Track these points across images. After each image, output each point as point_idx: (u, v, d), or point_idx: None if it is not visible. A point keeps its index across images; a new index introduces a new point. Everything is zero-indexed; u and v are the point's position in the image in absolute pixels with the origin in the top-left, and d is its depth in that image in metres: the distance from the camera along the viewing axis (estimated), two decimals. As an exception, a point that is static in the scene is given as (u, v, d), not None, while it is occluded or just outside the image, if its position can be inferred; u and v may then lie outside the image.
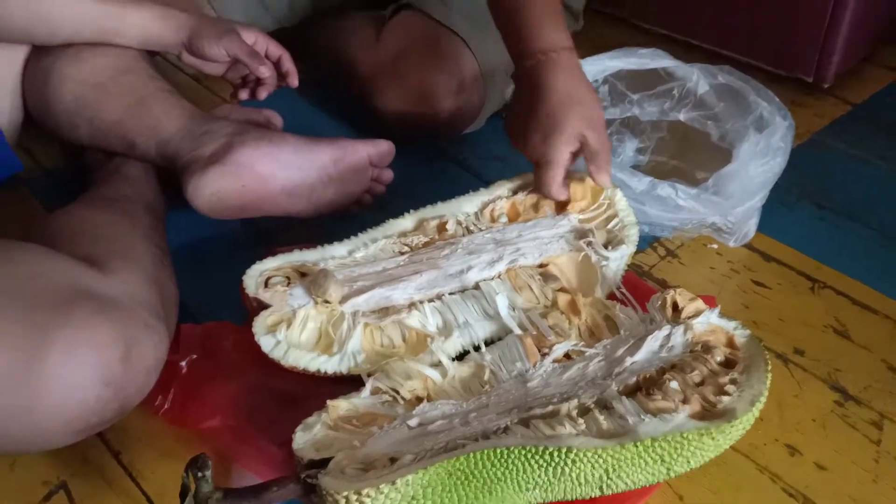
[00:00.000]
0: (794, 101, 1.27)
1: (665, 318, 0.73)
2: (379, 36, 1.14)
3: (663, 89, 1.03)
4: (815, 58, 1.24)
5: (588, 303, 0.78)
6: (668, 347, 0.70)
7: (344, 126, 1.21)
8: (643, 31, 1.45)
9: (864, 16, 1.23)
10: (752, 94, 0.96)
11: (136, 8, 0.95)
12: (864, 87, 1.31)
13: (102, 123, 0.95)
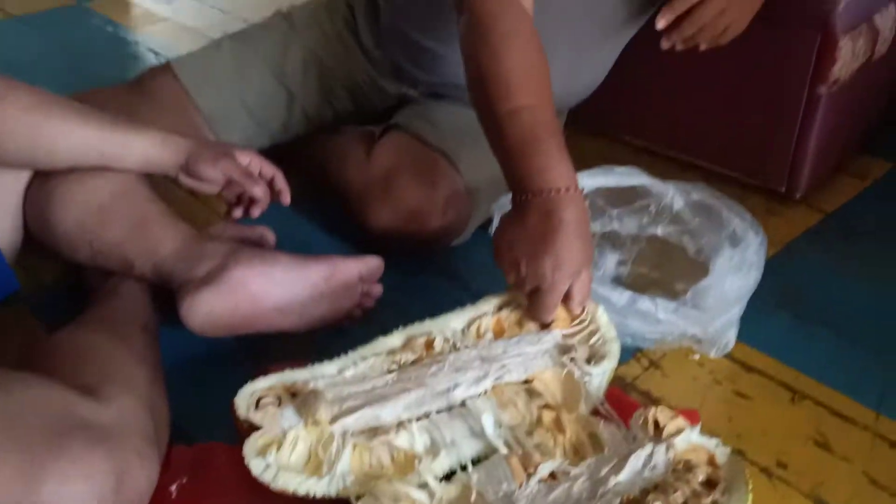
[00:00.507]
0: (769, 209, 1.33)
1: (647, 436, 0.75)
2: (369, 155, 1.19)
3: (641, 205, 1.08)
4: (787, 169, 1.30)
5: (572, 420, 0.80)
6: (650, 467, 0.72)
7: (335, 239, 1.25)
8: (621, 143, 1.51)
9: (833, 129, 1.29)
10: (724, 211, 1.00)
11: (137, 134, 1.00)
12: (836, 196, 1.36)
13: (102, 246, 0.98)
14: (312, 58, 1.29)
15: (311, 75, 1.29)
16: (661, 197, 1.06)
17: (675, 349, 1.02)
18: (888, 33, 1.27)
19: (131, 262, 0.98)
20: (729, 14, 1.06)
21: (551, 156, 0.85)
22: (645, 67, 1.30)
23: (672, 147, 1.44)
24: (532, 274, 0.84)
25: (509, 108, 0.87)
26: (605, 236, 1.11)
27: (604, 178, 1.06)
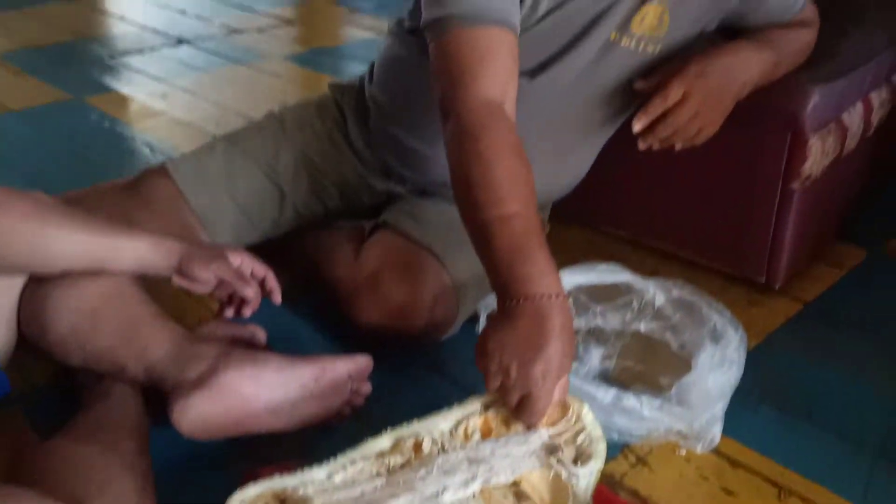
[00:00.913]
0: (750, 300, 1.36)
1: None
2: (358, 252, 1.22)
3: (624, 301, 1.10)
4: (765, 261, 1.34)
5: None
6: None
7: (324, 335, 1.27)
8: (603, 234, 1.55)
9: (808, 221, 1.34)
10: (704, 307, 1.03)
11: (130, 238, 1.02)
12: (815, 285, 1.40)
13: (94, 349, 0.99)
14: (303, 158, 1.33)
15: (302, 174, 1.33)
16: (643, 293, 1.09)
17: (662, 444, 1.03)
18: (856, 129, 1.33)
19: (123, 365, 0.99)
20: (702, 117, 1.12)
21: (541, 263, 0.88)
22: (625, 162, 1.35)
23: (653, 238, 1.48)
24: (523, 379, 0.85)
25: (498, 215, 0.90)
26: (589, 332, 1.13)
27: (586, 276, 1.09)
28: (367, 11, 3.46)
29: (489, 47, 0.96)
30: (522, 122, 1.16)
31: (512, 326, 0.87)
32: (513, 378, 0.86)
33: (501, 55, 0.96)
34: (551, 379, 0.85)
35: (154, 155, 1.98)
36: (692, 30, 1.14)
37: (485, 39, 0.96)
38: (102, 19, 3.45)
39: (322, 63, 2.76)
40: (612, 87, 1.17)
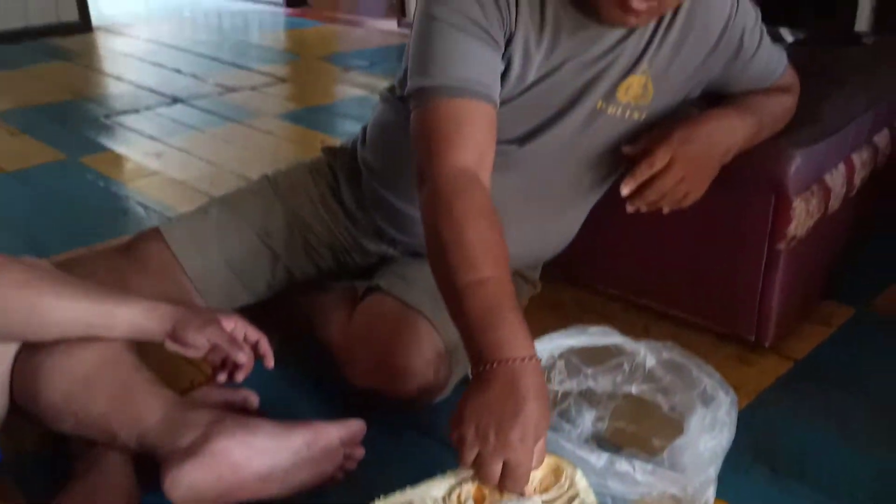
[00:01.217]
0: (740, 358, 1.37)
1: None
2: (351, 316, 1.23)
3: (615, 363, 1.11)
4: (754, 320, 1.35)
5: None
6: None
7: (318, 398, 1.27)
8: (595, 292, 1.57)
9: (795, 280, 1.35)
10: (694, 370, 1.04)
11: (124, 304, 1.03)
12: (804, 343, 1.41)
13: (87, 416, 0.99)
14: (296, 221, 1.35)
15: (295, 237, 1.35)
16: (634, 355, 1.09)
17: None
18: (840, 190, 1.35)
19: (115, 433, 0.99)
20: (688, 181, 1.14)
21: (513, 327, 0.88)
22: (615, 222, 1.36)
23: (644, 297, 1.50)
24: (502, 444, 0.84)
25: (471, 280, 0.91)
26: (581, 394, 1.13)
27: (578, 338, 1.10)
28: (359, 69, 3.53)
29: (467, 118, 0.99)
30: (513, 186, 1.19)
31: (486, 391, 0.86)
32: (491, 444, 0.84)
33: (478, 126, 0.99)
34: (530, 442, 0.84)
35: (148, 215, 1.99)
36: (676, 97, 1.18)
37: (463, 110, 0.99)
38: (99, 79, 3.51)
39: (315, 121, 2.81)
40: (599, 151, 1.20)
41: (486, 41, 1.01)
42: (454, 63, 0.99)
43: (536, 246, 1.33)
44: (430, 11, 1.01)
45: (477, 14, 1.00)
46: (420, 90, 1.01)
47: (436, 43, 1.00)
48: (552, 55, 1.08)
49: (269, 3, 5.13)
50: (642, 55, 1.10)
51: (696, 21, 1.10)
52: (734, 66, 1.18)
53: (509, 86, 1.08)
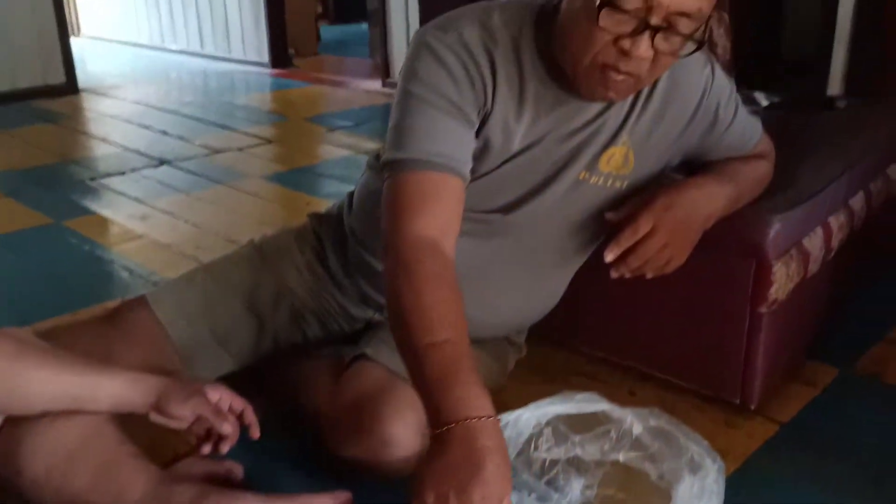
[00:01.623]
0: (727, 421, 1.37)
1: None
2: (338, 384, 1.23)
3: (602, 430, 1.11)
4: (739, 382, 1.36)
5: None
6: None
7: (304, 469, 1.25)
8: (580, 354, 1.57)
9: (778, 342, 1.37)
10: (682, 438, 1.04)
11: (109, 376, 1.03)
12: (789, 404, 1.41)
13: (70, 492, 0.98)
14: (283, 288, 1.35)
15: (282, 304, 1.35)
16: (621, 423, 1.09)
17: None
18: (818, 253, 1.38)
19: (96, 511, 0.97)
20: (670, 248, 1.16)
21: (469, 387, 0.89)
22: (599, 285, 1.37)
23: (630, 359, 1.50)
24: None
25: (428, 342, 0.92)
26: (569, 462, 1.13)
27: (564, 406, 1.10)
28: (344, 130, 3.58)
29: (433, 190, 1.02)
30: (499, 253, 1.21)
31: (444, 454, 0.85)
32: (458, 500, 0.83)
33: (444, 198, 1.02)
34: (493, 501, 0.83)
35: (133, 279, 1.99)
36: (656, 166, 1.20)
37: (430, 183, 1.02)
38: (85, 141, 3.53)
39: (300, 182, 2.83)
40: (583, 218, 1.22)
41: (459, 118, 1.04)
42: (426, 138, 1.02)
43: (523, 311, 1.34)
44: (408, 88, 1.05)
45: (451, 92, 1.03)
46: (392, 162, 1.04)
47: (410, 118, 1.03)
48: (533, 129, 1.10)
49: (255, 64, 5.21)
50: (622, 127, 1.13)
51: (674, 94, 1.14)
52: (711, 135, 1.21)
53: (491, 158, 1.11)
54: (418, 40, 1.06)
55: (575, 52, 1.00)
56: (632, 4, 0.91)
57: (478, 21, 1.06)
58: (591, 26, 0.94)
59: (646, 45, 0.93)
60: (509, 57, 1.06)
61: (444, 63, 1.03)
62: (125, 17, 6.20)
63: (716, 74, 1.17)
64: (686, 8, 0.92)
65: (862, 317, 1.70)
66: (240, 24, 5.28)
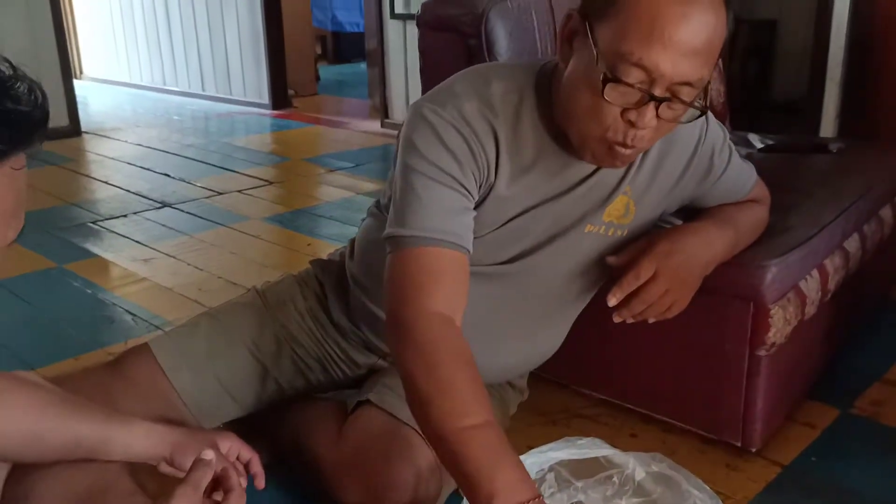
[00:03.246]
0: (728, 464, 1.38)
1: None
2: (341, 430, 1.23)
3: (604, 476, 1.11)
4: (740, 424, 1.37)
5: None
6: None
7: (307, 514, 1.26)
8: (582, 396, 1.58)
9: (778, 384, 1.38)
10: (684, 483, 1.05)
11: (123, 426, 1.03)
12: (790, 446, 1.42)
13: (76, 544, 0.98)
14: (286, 334, 1.36)
15: (285, 350, 1.36)
16: (624, 468, 1.10)
17: None
18: (815, 295, 1.40)
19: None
20: (672, 293, 1.17)
21: (515, 470, 0.90)
22: (601, 329, 1.39)
23: (632, 401, 1.51)
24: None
25: (468, 425, 0.92)
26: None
27: (567, 451, 1.10)
28: (343, 171, 3.62)
29: (439, 268, 1.02)
30: (503, 298, 1.23)
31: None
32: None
33: (450, 274, 1.03)
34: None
35: (136, 322, 2.00)
36: (655, 213, 1.23)
37: (435, 260, 1.02)
38: (88, 183, 3.56)
39: (300, 223, 2.86)
40: (585, 264, 1.23)
41: (460, 192, 1.05)
42: (428, 215, 1.03)
43: (526, 355, 1.35)
44: (409, 162, 1.05)
45: (452, 168, 1.04)
46: (396, 238, 1.05)
47: (412, 194, 1.04)
48: (537, 190, 1.12)
49: (256, 105, 5.28)
50: (623, 179, 1.15)
51: (671, 145, 1.16)
52: (706, 182, 1.23)
53: (496, 219, 1.13)
54: (417, 114, 1.06)
55: (581, 124, 1.01)
56: (635, 77, 0.93)
57: (476, 93, 1.07)
58: (597, 100, 0.95)
59: (651, 115, 0.95)
60: (510, 125, 1.08)
61: (443, 139, 1.04)
62: (127, 59, 6.29)
63: (709, 124, 1.20)
64: (688, 77, 0.93)
65: (860, 357, 1.72)
66: (240, 65, 5.35)
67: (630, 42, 0.92)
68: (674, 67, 0.92)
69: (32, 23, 4.21)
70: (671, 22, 0.90)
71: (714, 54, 0.95)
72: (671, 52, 0.91)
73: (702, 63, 0.93)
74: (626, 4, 0.92)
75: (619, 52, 0.93)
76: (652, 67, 0.92)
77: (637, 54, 0.92)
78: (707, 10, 0.92)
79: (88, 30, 6.61)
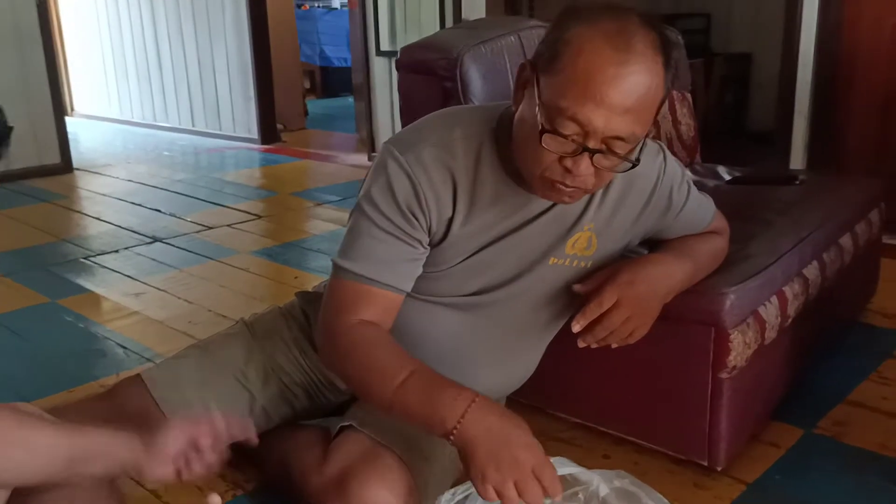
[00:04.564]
0: (696, 483, 1.44)
1: None
2: (324, 454, 1.29)
3: (570, 492, 1.18)
4: (705, 444, 1.43)
5: None
6: None
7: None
8: (556, 419, 1.64)
9: (741, 406, 1.45)
10: (644, 497, 1.11)
11: (95, 432, 1.07)
12: (755, 465, 1.49)
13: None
14: (272, 363, 1.43)
15: (272, 379, 1.42)
16: (588, 485, 1.16)
17: None
18: (774, 320, 1.47)
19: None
20: (633, 320, 1.25)
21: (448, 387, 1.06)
22: (573, 355, 1.45)
23: (603, 424, 1.58)
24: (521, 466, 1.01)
25: (398, 384, 1.07)
26: (544, 521, 1.19)
27: (537, 470, 1.17)
28: (331, 204, 3.69)
29: (370, 300, 1.16)
30: (474, 328, 1.30)
31: (473, 447, 1.02)
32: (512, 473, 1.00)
33: (379, 307, 1.17)
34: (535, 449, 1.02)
35: (127, 355, 2.06)
36: (617, 246, 1.30)
37: (366, 294, 1.16)
38: (79, 219, 3.62)
39: (289, 257, 2.93)
40: (552, 294, 1.31)
41: (405, 241, 1.16)
42: (367, 258, 1.16)
43: (500, 380, 1.41)
44: (363, 207, 1.17)
45: (399, 221, 1.15)
46: (337, 266, 1.18)
47: (358, 235, 1.17)
48: (498, 226, 1.20)
49: (245, 140, 5.36)
50: (583, 215, 1.23)
51: (631, 183, 1.24)
52: (666, 217, 1.31)
53: (459, 253, 1.21)
54: (380, 159, 1.17)
55: (525, 165, 1.11)
56: (571, 129, 1.01)
57: (438, 138, 1.16)
58: (537, 146, 1.04)
59: (585, 164, 1.03)
60: (470, 166, 1.16)
61: (395, 194, 1.14)
62: (118, 96, 6.38)
63: (667, 163, 1.28)
64: (619, 133, 1.01)
65: (825, 379, 1.79)
66: (230, 101, 5.45)
67: (567, 98, 1.00)
68: (606, 123, 1.00)
69: (24, 60, 4.30)
70: (604, 83, 0.98)
71: (648, 112, 1.03)
72: (603, 110, 0.99)
73: (633, 120, 1.01)
74: (566, 63, 1.00)
75: (558, 106, 1.01)
76: (585, 122, 1.00)
77: (572, 110, 1.00)
78: (641, 72, 0.99)
79: (80, 66, 6.71)
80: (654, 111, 1.05)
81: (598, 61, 0.99)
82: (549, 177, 1.07)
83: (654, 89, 1.02)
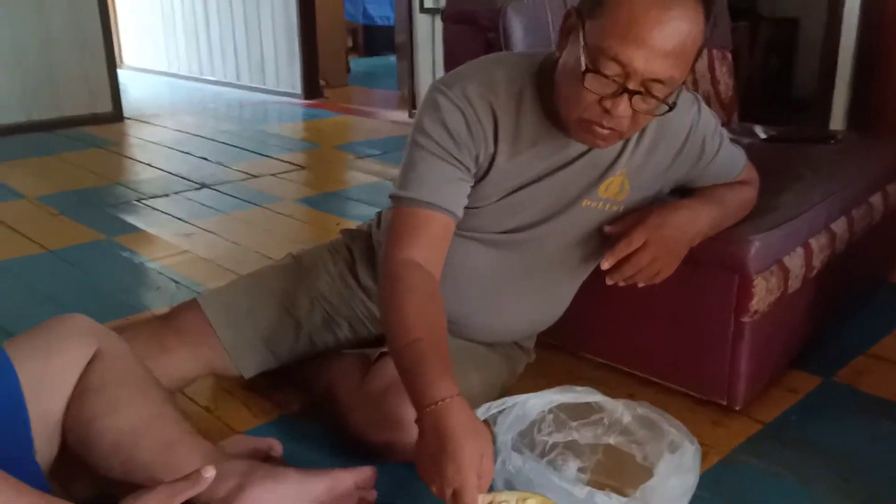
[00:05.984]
0: (714, 420, 1.51)
1: None
2: (364, 377, 1.39)
3: (596, 419, 1.27)
4: (725, 385, 1.50)
5: None
6: None
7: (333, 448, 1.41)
8: (584, 360, 1.72)
9: (761, 350, 1.51)
10: (664, 423, 1.19)
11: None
12: (772, 407, 1.56)
13: (134, 465, 1.12)
14: (317, 294, 1.53)
15: (317, 309, 1.52)
16: (613, 412, 1.25)
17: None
18: (798, 271, 1.52)
19: (159, 480, 1.12)
20: (660, 261, 1.32)
21: (432, 374, 1.07)
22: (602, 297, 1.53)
23: (629, 365, 1.66)
24: (444, 480, 1.01)
25: (404, 343, 1.12)
26: (567, 445, 1.28)
27: (565, 395, 1.25)
28: (372, 157, 3.78)
29: (424, 224, 1.22)
30: (510, 265, 1.38)
31: (422, 438, 1.06)
32: (437, 482, 1.02)
33: (432, 231, 1.22)
34: (465, 472, 0.99)
35: (179, 289, 2.18)
36: (649, 193, 1.37)
37: (423, 218, 1.22)
38: (131, 165, 3.76)
39: (330, 205, 3.02)
40: (584, 236, 1.38)
41: (454, 165, 1.22)
42: (422, 182, 1.22)
43: (532, 318, 1.50)
44: (415, 138, 1.24)
45: (449, 145, 1.21)
46: (396, 197, 1.24)
47: (413, 164, 1.23)
48: (535, 167, 1.27)
49: (288, 95, 5.45)
50: (617, 160, 1.29)
51: (664, 131, 1.30)
52: (698, 166, 1.37)
53: (498, 190, 1.28)
54: (428, 96, 1.24)
55: (565, 107, 1.17)
56: (612, 70, 1.07)
57: (482, 77, 1.23)
58: (579, 87, 1.10)
59: (624, 105, 1.09)
60: (512, 107, 1.23)
61: (444, 120, 1.21)
62: (166, 50, 6.51)
63: (702, 112, 1.33)
64: (658, 75, 1.07)
65: (848, 333, 1.84)
66: (274, 57, 5.53)
67: (610, 39, 1.06)
68: (646, 65, 1.06)
69: (77, 11, 4.42)
70: (646, 25, 1.04)
71: (686, 58, 1.08)
72: (644, 51, 1.05)
73: (672, 64, 1.07)
74: (610, 7, 1.06)
75: (601, 47, 1.07)
76: (626, 63, 1.06)
77: (614, 49, 1.06)
78: (682, 17, 1.05)
79: (129, 21, 6.84)
80: (692, 58, 1.10)
81: (642, 4, 1.04)
82: (588, 118, 1.13)
83: (693, 36, 1.07)
